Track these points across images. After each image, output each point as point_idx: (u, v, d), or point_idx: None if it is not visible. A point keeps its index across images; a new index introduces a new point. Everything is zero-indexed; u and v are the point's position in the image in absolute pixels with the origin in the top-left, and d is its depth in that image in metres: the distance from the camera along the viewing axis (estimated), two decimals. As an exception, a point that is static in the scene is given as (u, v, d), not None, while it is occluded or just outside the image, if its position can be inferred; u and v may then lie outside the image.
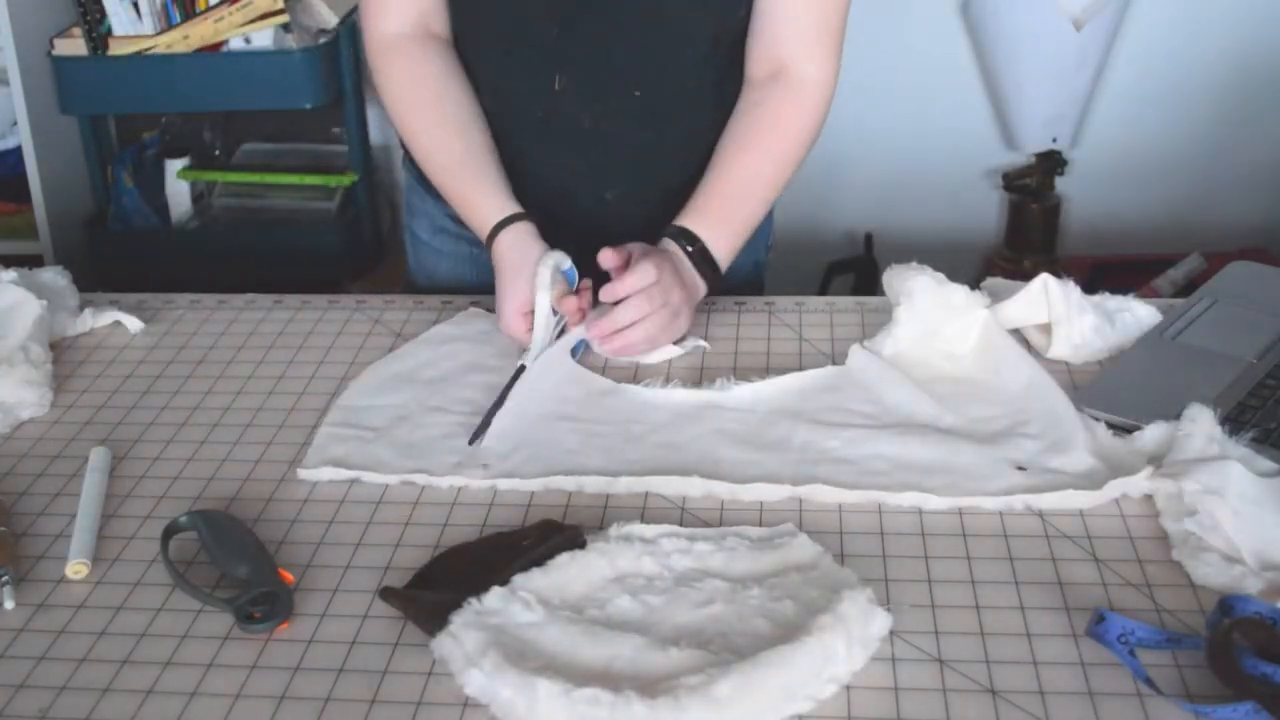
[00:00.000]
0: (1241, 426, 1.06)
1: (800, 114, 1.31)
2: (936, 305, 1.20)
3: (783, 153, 1.31)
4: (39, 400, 1.20)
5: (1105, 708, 0.83)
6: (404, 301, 1.38)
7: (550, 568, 0.92)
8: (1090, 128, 2.67)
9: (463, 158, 1.30)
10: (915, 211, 2.78)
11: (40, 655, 0.91)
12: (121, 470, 1.11)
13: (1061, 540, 0.98)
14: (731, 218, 1.30)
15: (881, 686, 0.85)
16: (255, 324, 1.34)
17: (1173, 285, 2.60)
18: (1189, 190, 2.75)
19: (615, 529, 0.97)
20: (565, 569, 0.93)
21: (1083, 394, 1.15)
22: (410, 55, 1.33)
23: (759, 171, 1.31)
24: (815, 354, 1.24)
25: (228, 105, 2.56)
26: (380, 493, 1.07)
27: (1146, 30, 2.59)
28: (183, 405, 1.21)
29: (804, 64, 1.29)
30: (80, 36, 2.41)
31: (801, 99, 1.30)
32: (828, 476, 1.04)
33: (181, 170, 2.63)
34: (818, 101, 1.31)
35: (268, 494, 1.07)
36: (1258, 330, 1.22)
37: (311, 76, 2.47)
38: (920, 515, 1.01)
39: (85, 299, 1.38)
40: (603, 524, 1.00)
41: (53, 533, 1.03)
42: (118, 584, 0.97)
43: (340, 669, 0.88)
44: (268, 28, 2.41)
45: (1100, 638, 0.86)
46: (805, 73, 1.30)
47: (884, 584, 0.94)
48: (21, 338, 1.23)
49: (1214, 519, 0.95)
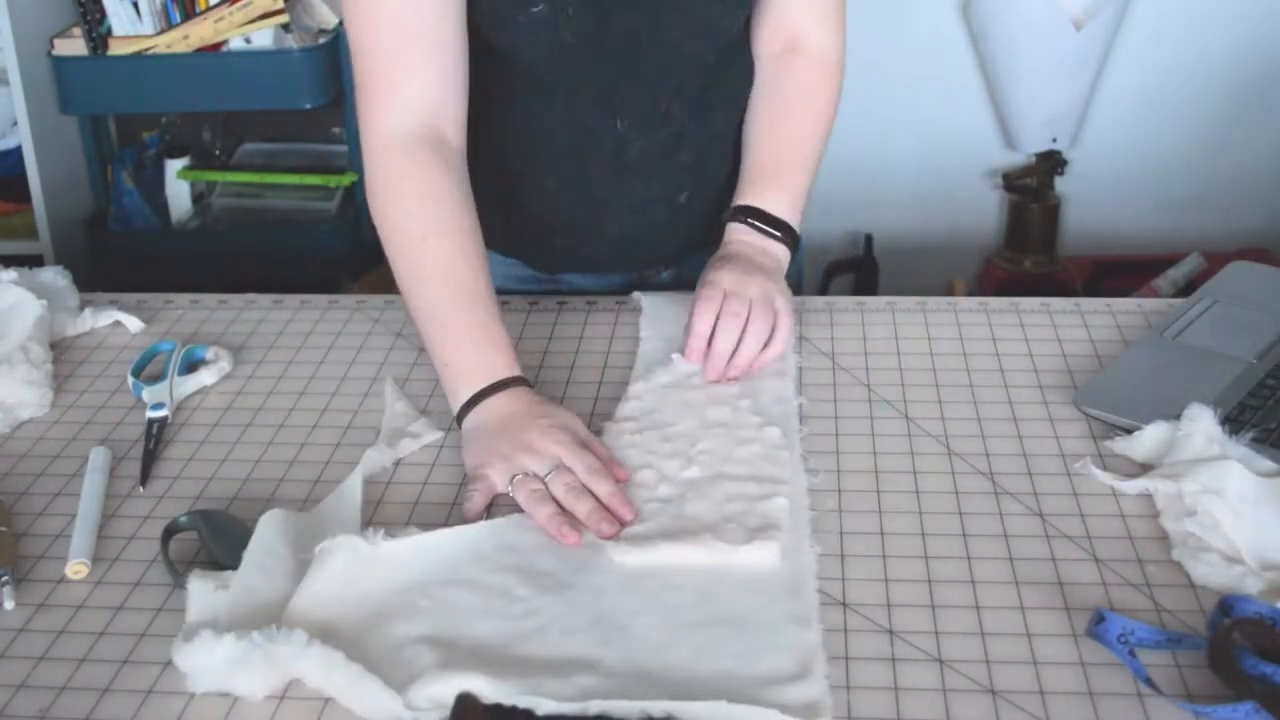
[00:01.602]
0: (1241, 426, 1.06)
1: (823, 79, 1.30)
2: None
3: (816, 113, 1.30)
4: (39, 400, 1.20)
5: (1105, 708, 0.83)
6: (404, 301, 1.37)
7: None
8: (1090, 128, 2.67)
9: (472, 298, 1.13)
10: (915, 211, 2.78)
11: (40, 655, 0.91)
12: (121, 470, 1.11)
13: (1061, 540, 0.98)
14: (782, 180, 1.28)
15: (881, 686, 0.85)
16: (255, 324, 1.34)
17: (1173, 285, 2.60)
18: (1189, 190, 2.75)
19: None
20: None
21: (1082, 394, 1.15)
22: (424, 165, 1.14)
23: (798, 133, 1.30)
24: (815, 354, 1.25)
25: (228, 105, 2.56)
26: (380, 492, 1.07)
27: (1146, 30, 2.59)
28: (182, 405, 1.21)
29: (814, 32, 1.29)
30: (80, 36, 2.41)
31: (821, 65, 1.30)
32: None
33: (181, 170, 2.63)
34: (833, 67, 1.31)
35: (268, 494, 1.07)
36: (1257, 330, 1.22)
37: (311, 76, 2.47)
38: (920, 515, 1.01)
39: (85, 299, 1.38)
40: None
41: (53, 533, 1.03)
42: (118, 584, 0.97)
43: (340, 669, 0.88)
44: (268, 28, 2.42)
45: (1100, 638, 0.86)
46: (817, 40, 1.29)
47: (884, 584, 0.94)
48: (21, 338, 1.23)
49: (1214, 519, 0.95)
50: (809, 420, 1.14)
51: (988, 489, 1.05)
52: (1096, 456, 1.08)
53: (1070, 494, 1.03)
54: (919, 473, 1.07)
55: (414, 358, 1.26)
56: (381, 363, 1.26)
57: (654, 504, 1.02)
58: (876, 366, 1.22)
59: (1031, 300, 1.34)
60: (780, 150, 1.29)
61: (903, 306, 1.32)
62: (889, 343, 1.26)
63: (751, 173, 1.29)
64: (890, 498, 1.04)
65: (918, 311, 1.31)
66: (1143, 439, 1.06)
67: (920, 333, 1.27)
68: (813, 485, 1.05)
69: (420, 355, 1.26)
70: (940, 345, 1.25)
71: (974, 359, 1.23)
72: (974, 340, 1.26)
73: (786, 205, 1.27)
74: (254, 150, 2.72)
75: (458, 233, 1.14)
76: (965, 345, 1.25)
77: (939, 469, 1.07)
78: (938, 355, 1.23)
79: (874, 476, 1.06)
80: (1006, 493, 1.04)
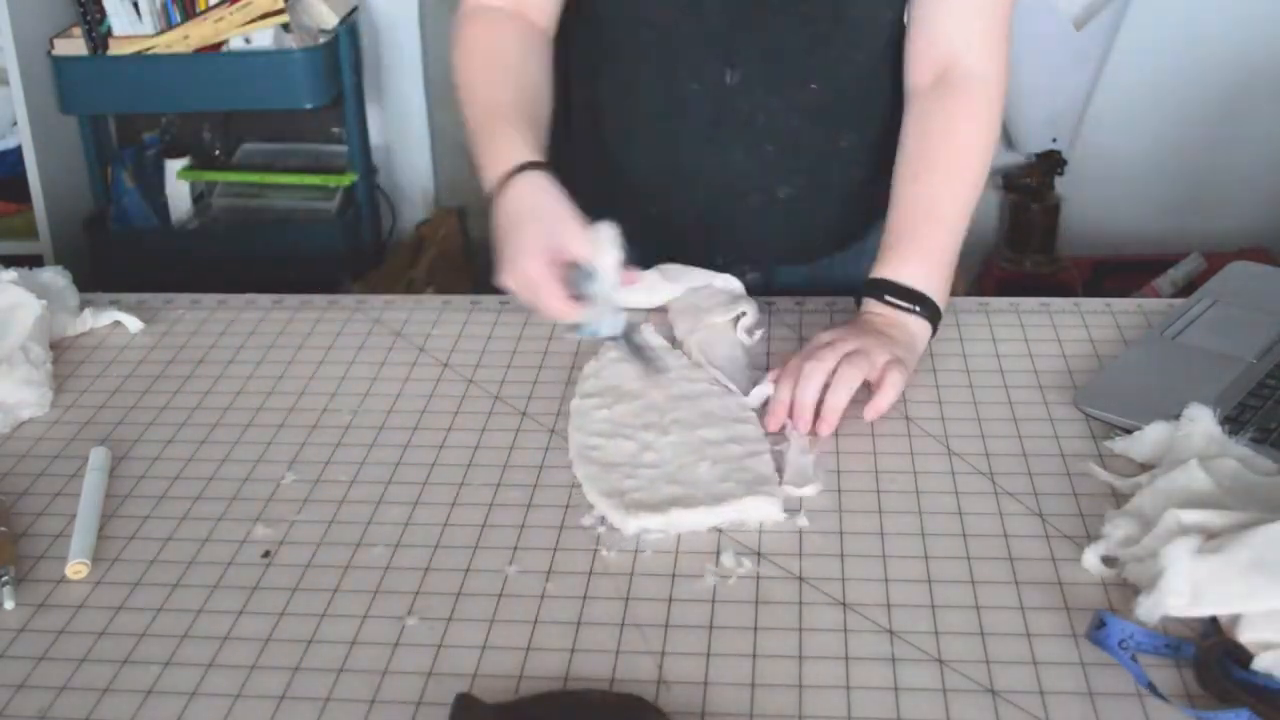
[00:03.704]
0: (1241, 426, 1.06)
1: (974, 120, 1.21)
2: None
3: (965, 159, 1.21)
4: (39, 400, 1.20)
5: (1105, 708, 0.83)
6: (404, 301, 1.38)
7: None
8: (1090, 128, 2.67)
9: (507, 110, 1.18)
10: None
11: (40, 655, 0.91)
12: (121, 470, 1.11)
13: (1061, 540, 0.98)
14: (921, 244, 1.19)
15: (881, 686, 0.85)
16: (255, 324, 1.34)
17: (1173, 285, 2.60)
18: (1189, 190, 2.75)
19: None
20: None
21: (1082, 394, 1.15)
22: (498, 25, 1.24)
23: (942, 186, 1.20)
24: (815, 354, 1.24)
25: (228, 105, 2.57)
26: (380, 492, 1.07)
27: (1146, 30, 2.59)
28: (183, 405, 1.21)
29: (971, 60, 1.20)
30: (80, 36, 2.41)
31: (973, 102, 1.21)
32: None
33: (181, 170, 2.63)
34: (990, 101, 1.21)
35: (268, 494, 1.07)
36: (1257, 330, 1.22)
37: (311, 76, 2.47)
38: (920, 515, 1.01)
39: (85, 299, 1.37)
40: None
41: (53, 533, 1.03)
42: (118, 584, 0.97)
43: (340, 669, 0.88)
44: (268, 28, 2.42)
45: (1101, 643, 0.86)
46: (974, 70, 1.20)
47: (884, 584, 0.94)
48: (21, 338, 1.23)
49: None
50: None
51: (988, 489, 1.05)
52: (1096, 456, 1.08)
53: (1070, 494, 1.03)
54: (919, 473, 1.07)
55: (414, 358, 1.26)
56: (381, 363, 1.26)
57: (645, 470, 1.05)
58: (876, 366, 1.22)
59: (1031, 300, 1.34)
60: (921, 208, 1.19)
61: (903, 306, 1.32)
62: (889, 343, 1.26)
63: (890, 237, 1.20)
64: (890, 498, 1.04)
65: (918, 311, 1.31)
66: (1143, 439, 1.06)
67: (920, 333, 1.27)
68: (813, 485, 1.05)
69: (420, 355, 1.26)
70: (940, 345, 1.24)
71: (974, 359, 1.23)
72: (974, 340, 1.26)
73: (925, 274, 1.17)
74: (254, 150, 2.72)
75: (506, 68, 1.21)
76: (965, 345, 1.25)
77: (939, 469, 1.07)
78: (938, 355, 1.23)
79: (874, 476, 1.06)
80: (1006, 493, 1.04)
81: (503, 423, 1.16)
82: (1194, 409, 1.05)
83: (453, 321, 1.33)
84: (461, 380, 1.23)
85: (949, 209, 1.20)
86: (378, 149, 2.81)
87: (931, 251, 1.19)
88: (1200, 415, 1.05)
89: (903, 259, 1.18)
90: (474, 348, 1.28)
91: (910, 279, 1.17)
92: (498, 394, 1.20)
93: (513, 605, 0.94)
